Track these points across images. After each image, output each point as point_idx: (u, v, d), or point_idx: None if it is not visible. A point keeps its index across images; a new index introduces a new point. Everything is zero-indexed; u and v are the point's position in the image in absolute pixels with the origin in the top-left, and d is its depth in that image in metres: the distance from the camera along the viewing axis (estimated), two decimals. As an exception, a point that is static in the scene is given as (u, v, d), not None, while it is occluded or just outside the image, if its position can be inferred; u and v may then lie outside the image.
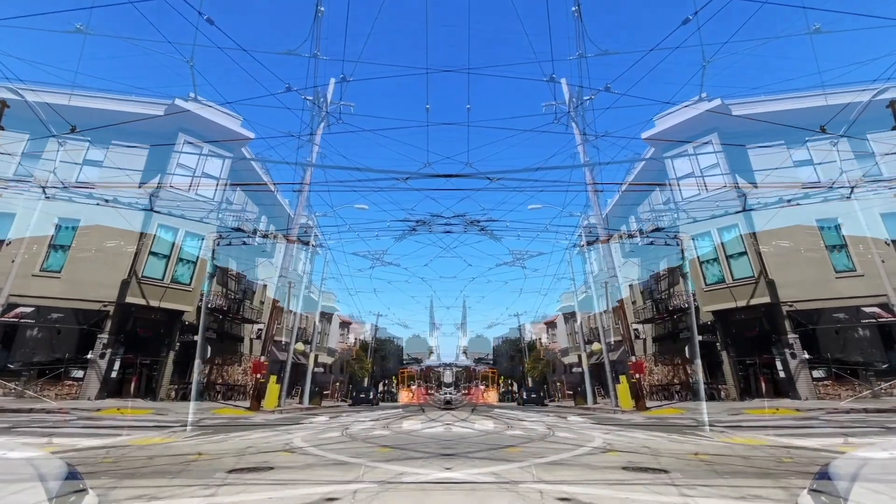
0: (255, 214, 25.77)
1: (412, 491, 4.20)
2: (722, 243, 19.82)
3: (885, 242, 17.36)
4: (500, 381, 68.44)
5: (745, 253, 19.17)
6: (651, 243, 21.68)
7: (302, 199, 22.30)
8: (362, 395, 35.31)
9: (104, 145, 18.96)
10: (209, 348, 21.35)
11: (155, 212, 18.87)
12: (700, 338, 21.04)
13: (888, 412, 12.01)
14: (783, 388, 17.46)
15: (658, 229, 22.91)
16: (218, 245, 20.45)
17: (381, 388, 55.08)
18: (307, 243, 24.97)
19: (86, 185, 18.21)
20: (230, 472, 5.14)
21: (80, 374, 16.74)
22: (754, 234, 19.03)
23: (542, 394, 38.41)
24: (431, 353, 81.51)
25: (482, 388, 43.71)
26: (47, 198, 17.30)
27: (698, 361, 16.62)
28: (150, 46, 18.61)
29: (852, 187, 18.11)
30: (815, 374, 17.18)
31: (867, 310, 16.48)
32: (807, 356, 17.22)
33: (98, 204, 17.77)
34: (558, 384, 45.25)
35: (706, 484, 4.35)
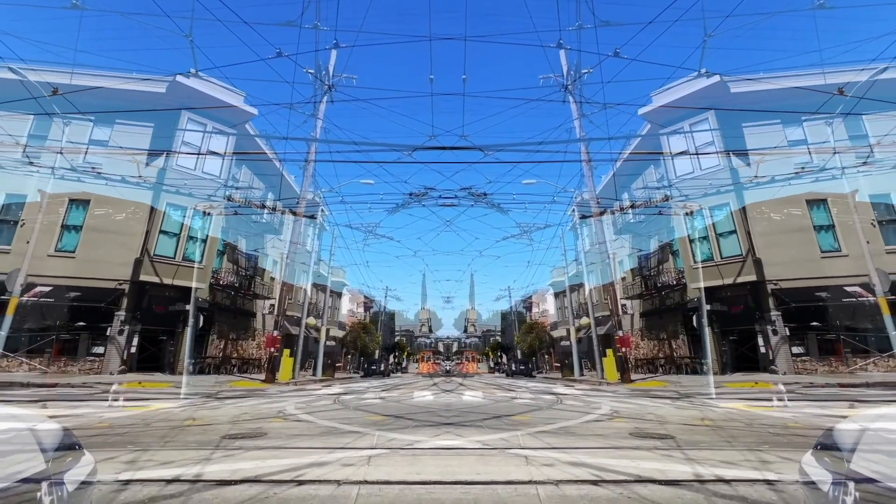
0: (262, 191, 25.79)
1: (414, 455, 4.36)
2: (713, 221, 20.02)
3: (871, 224, 17.67)
4: (491, 354, 69.90)
5: (734, 231, 19.41)
6: (641, 222, 21.82)
7: (308, 173, 22.09)
8: (373, 367, 35.94)
9: (108, 125, 19.00)
10: (216, 324, 21.93)
11: (163, 190, 18.96)
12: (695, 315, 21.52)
13: (860, 387, 12.54)
14: (764, 363, 18.07)
15: (650, 205, 23.05)
16: (226, 222, 20.80)
17: (392, 359, 55.85)
18: (312, 217, 24.98)
19: (94, 166, 18.34)
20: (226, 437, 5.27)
21: (100, 349, 17.38)
22: (745, 212, 19.23)
23: (530, 366, 39.35)
24: (424, 326, 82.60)
25: (468, 361, 53.94)
26: (57, 179, 17.47)
27: (707, 338, 17.06)
28: (148, 20, 17.84)
29: (843, 168, 18.26)
30: (795, 350, 17.79)
31: (849, 289, 16.92)
32: (787, 333, 17.76)
33: (107, 184, 18.09)
34: (546, 357, 46.34)
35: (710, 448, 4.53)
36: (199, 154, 20.03)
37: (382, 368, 37.20)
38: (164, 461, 4.16)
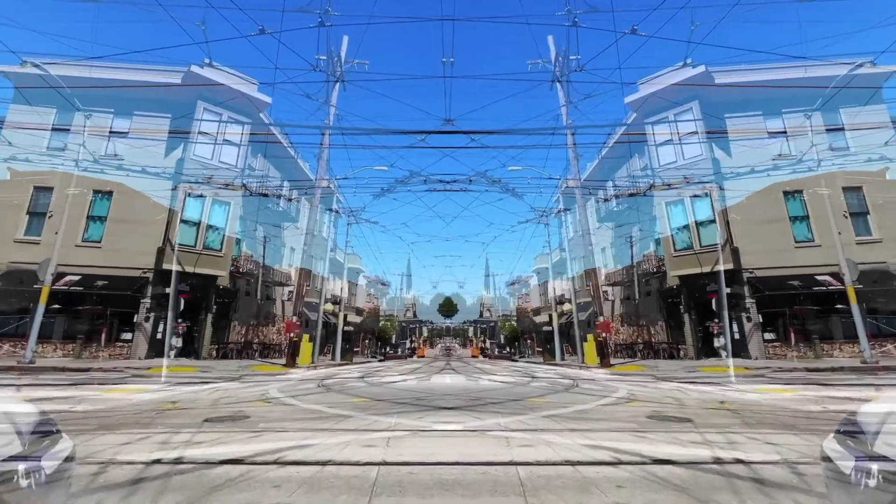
0: (279, 180, 26.01)
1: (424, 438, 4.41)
2: (693, 210, 20.41)
3: (844, 215, 18.26)
4: (484, 339, 70.70)
5: (713, 221, 19.84)
6: (624, 210, 22.09)
7: (322, 161, 21.86)
8: (391, 352, 36.29)
9: (127, 116, 19.69)
10: (237, 311, 22.64)
11: (182, 180, 19.22)
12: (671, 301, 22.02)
13: (825, 371, 13.11)
14: (737, 349, 18.71)
15: (633, 195, 23.35)
16: (244, 210, 21.25)
17: (409, 343, 55.98)
18: (330, 210, 25.14)
19: (115, 156, 19.10)
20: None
21: (128, 336, 18.14)
22: (724, 202, 19.65)
23: (512, 350, 40.01)
24: (409, 312, 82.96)
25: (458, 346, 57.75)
26: (81, 171, 18.01)
27: (726, 322, 17.49)
28: (162, 11, 17.49)
29: (819, 160, 18.75)
30: (767, 336, 18.45)
31: (819, 278, 17.55)
32: (760, 320, 18.39)
33: (128, 175, 18.75)
34: (529, 341, 47.10)
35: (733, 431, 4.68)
36: (214, 143, 20.18)
37: (400, 353, 37.79)
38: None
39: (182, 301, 16.90)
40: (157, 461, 3.62)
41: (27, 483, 3.02)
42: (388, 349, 37.72)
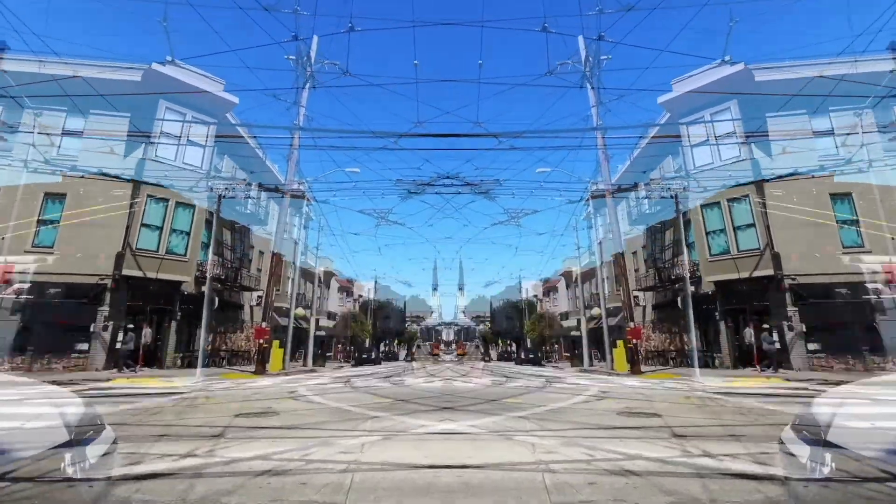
0: (245, 182, 24.29)
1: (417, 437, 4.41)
2: (731, 214, 19.59)
3: (898, 219, 17.11)
4: (498, 343, 70.40)
5: (752, 225, 18.98)
6: (657, 213, 21.45)
7: (292, 162, 21.83)
8: (364, 356, 36.55)
9: (82, 115, 18.20)
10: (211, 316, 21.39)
11: (143, 183, 18.30)
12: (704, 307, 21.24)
13: (875, 386, 12.29)
14: (778, 360, 17.80)
15: (667, 197, 22.63)
16: (210, 214, 20.12)
17: (382, 347, 56.56)
18: (301, 196, 24.29)
19: (69, 157, 17.73)
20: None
21: (84, 346, 16.81)
22: (764, 205, 18.77)
23: (539, 355, 39.45)
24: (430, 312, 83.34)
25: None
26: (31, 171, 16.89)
27: (691, 322, 16.85)
28: (121, 5, 17.54)
29: (870, 161, 17.67)
30: (811, 346, 17.46)
31: (870, 286, 16.49)
32: (804, 329, 17.43)
33: (83, 176, 17.11)
34: (556, 346, 46.33)
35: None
36: (178, 144, 19.39)
37: (373, 357, 37.78)
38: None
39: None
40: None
41: (73, 470, 3.21)
42: (360, 354, 37.58)
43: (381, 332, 56.29)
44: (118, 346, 16.91)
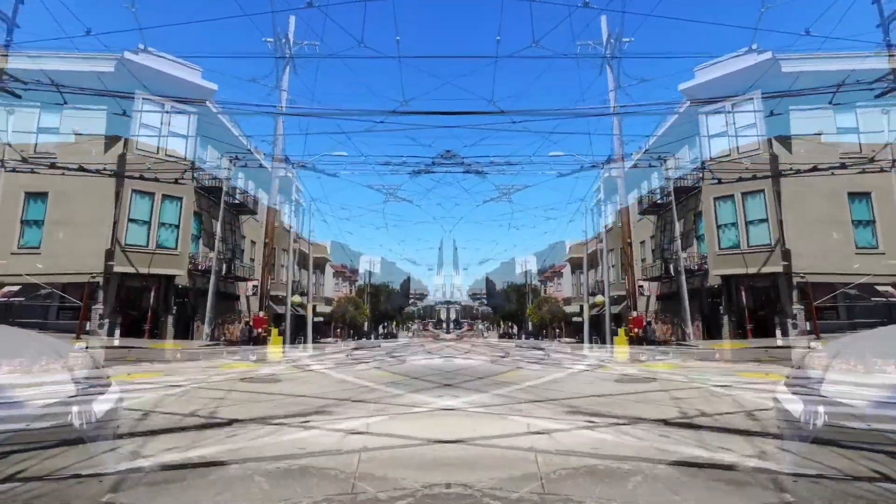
0: (231, 171, 23.69)
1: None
2: (744, 208, 19.24)
3: (916, 222, 16.76)
4: (500, 323, 70.78)
5: (765, 220, 18.67)
6: (667, 203, 21.16)
7: (277, 148, 21.44)
8: (362, 339, 37.14)
9: (55, 111, 17.22)
10: (199, 309, 21.23)
11: (126, 177, 17.61)
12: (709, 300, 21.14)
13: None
14: (780, 356, 17.79)
15: (681, 189, 22.30)
16: (198, 206, 19.78)
17: (381, 329, 57.19)
18: (289, 163, 23.60)
19: (47, 155, 17.01)
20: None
21: (83, 346, 16.72)
22: (779, 201, 18.40)
23: (539, 338, 39.80)
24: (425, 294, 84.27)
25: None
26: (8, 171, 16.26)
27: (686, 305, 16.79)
28: None
29: (894, 160, 17.19)
30: (814, 345, 17.38)
31: (881, 288, 16.30)
32: (808, 328, 17.34)
33: (63, 173, 16.22)
34: (557, 331, 46.63)
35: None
36: (159, 136, 18.72)
37: (372, 339, 38.40)
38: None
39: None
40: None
41: (79, 423, 3.32)
42: (359, 338, 38.02)
43: (380, 314, 56.77)
44: (115, 343, 16.76)
